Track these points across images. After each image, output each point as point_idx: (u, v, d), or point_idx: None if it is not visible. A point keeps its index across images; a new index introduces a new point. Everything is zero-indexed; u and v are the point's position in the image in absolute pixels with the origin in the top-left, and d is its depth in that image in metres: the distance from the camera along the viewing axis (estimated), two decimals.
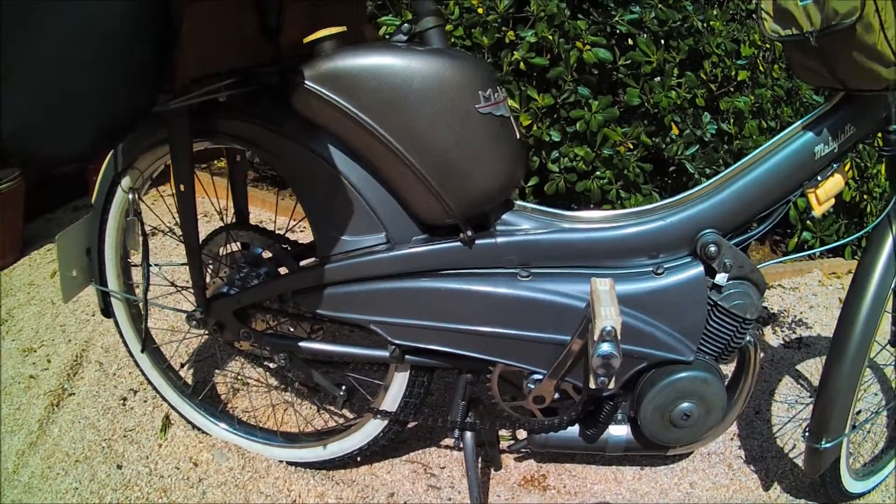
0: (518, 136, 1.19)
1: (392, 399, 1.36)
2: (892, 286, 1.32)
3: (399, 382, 1.35)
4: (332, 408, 1.66)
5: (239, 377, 1.76)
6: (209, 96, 1.09)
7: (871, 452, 1.70)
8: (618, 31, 1.88)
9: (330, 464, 1.50)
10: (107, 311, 1.49)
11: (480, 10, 1.82)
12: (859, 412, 1.76)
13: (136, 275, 1.51)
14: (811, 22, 1.08)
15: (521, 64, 1.75)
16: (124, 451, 1.52)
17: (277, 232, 1.46)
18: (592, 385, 1.10)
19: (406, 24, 1.15)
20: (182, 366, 1.81)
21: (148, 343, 1.49)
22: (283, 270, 1.36)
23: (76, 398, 1.66)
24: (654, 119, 1.95)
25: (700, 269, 1.20)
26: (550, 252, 1.20)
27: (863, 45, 1.06)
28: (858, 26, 1.04)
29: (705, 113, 1.98)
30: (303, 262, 1.42)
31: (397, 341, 1.24)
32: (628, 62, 1.85)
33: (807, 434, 1.38)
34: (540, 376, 1.23)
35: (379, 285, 1.22)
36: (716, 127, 2.00)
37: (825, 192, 1.26)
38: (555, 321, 1.19)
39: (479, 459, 1.53)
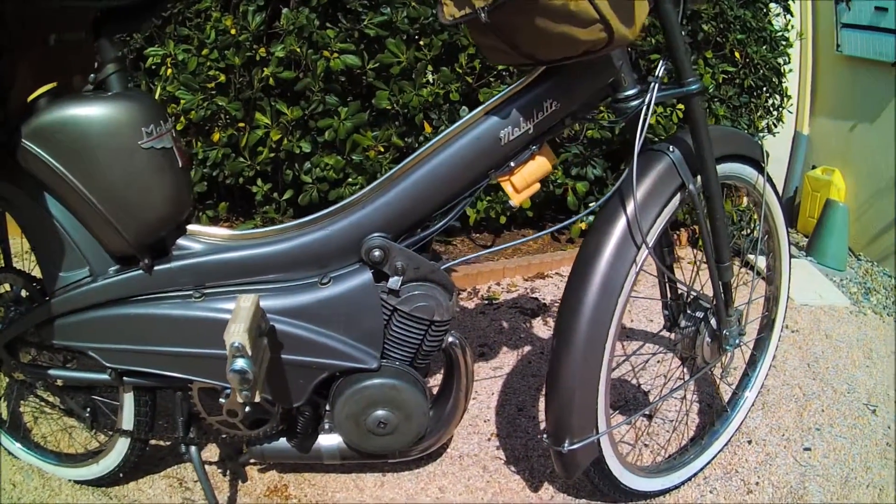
0: (181, 164, 1.26)
1: (127, 418, 1.44)
2: (637, 268, 1.21)
3: (129, 403, 1.43)
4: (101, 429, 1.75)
5: (31, 404, 1.85)
6: None
7: (675, 444, 1.62)
8: (368, 35, 1.94)
9: (103, 481, 1.57)
10: None
11: (233, 31, 1.89)
12: (615, 406, 1.72)
13: None
14: None
15: (271, 80, 1.82)
16: None
17: (31, 273, 1.55)
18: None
19: (92, 75, 1.23)
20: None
21: None
22: None
23: None
24: (406, 119, 2.02)
25: (367, 275, 1.20)
26: (218, 271, 1.26)
27: (548, 9, 0.95)
28: None
29: (463, 107, 2.04)
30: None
31: (109, 364, 1.31)
32: (377, 65, 1.92)
33: (545, 437, 1.28)
34: (230, 391, 1.26)
35: (89, 314, 1.29)
36: None
37: (523, 179, 1.19)
38: None
39: (227, 472, 1.59)
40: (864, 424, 1.79)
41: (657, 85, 1.15)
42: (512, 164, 1.18)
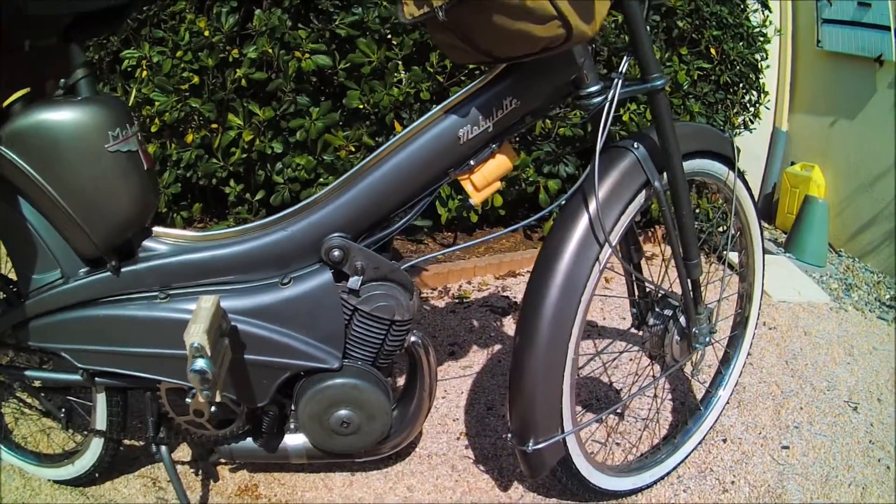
0: (146, 167, 1.27)
1: (101, 418, 1.45)
2: (601, 266, 1.19)
3: (102, 403, 1.44)
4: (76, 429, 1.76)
5: (11, 405, 1.86)
6: None
7: (647, 442, 1.61)
8: (339, 35, 1.95)
9: (80, 481, 1.59)
10: None
11: (207, 33, 1.90)
12: (586, 404, 1.70)
13: None
14: None
15: (243, 81, 1.83)
16: None
17: (8, 276, 1.56)
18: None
19: (62, 80, 1.23)
20: None
21: None
22: None
23: None
24: (377, 119, 2.02)
25: (326, 275, 1.21)
26: (181, 272, 1.27)
27: (505, 7, 0.94)
28: None
29: (434, 106, 2.01)
30: None
31: (81, 365, 1.32)
32: (348, 65, 1.92)
33: (510, 436, 1.27)
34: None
35: (60, 316, 1.30)
36: None
37: (483, 178, 1.19)
38: None
39: (199, 472, 1.60)
40: (844, 422, 1.78)
41: (620, 81, 1.14)
42: (472, 162, 1.18)
